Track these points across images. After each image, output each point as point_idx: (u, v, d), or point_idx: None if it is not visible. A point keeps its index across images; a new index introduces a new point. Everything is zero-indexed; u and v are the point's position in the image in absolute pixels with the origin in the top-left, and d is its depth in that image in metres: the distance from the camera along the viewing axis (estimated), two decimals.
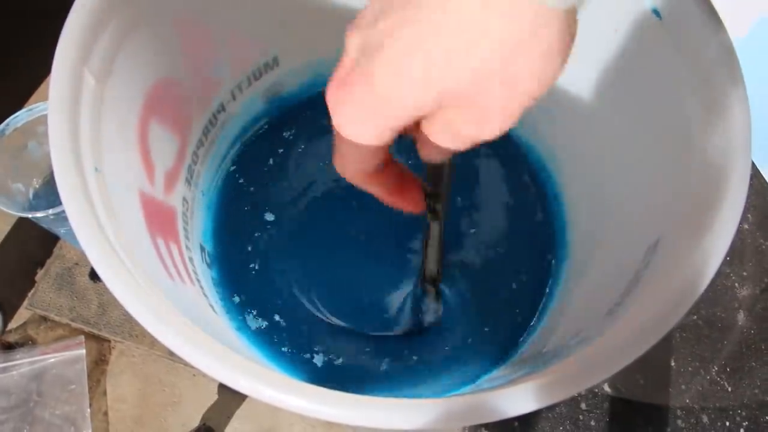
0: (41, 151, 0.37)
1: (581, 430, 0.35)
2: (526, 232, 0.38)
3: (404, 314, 0.35)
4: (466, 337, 0.35)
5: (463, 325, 0.35)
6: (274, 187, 0.38)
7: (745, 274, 0.40)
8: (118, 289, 0.19)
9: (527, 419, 0.36)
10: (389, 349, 0.34)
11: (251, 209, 0.38)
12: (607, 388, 0.36)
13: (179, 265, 0.29)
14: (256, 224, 0.37)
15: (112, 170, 0.23)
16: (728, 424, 0.36)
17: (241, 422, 0.40)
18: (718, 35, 0.23)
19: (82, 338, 0.40)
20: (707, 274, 0.20)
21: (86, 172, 0.21)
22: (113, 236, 0.21)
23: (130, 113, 0.26)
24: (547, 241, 0.37)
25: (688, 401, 0.36)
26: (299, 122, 0.40)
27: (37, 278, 0.43)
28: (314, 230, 0.37)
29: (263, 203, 0.38)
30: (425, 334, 0.35)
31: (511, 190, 0.39)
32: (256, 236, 0.37)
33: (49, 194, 0.39)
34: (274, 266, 0.36)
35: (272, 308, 0.35)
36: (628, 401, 0.36)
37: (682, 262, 0.21)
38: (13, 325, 0.42)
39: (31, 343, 0.41)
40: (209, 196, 0.37)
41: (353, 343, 0.34)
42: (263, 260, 0.36)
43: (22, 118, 0.35)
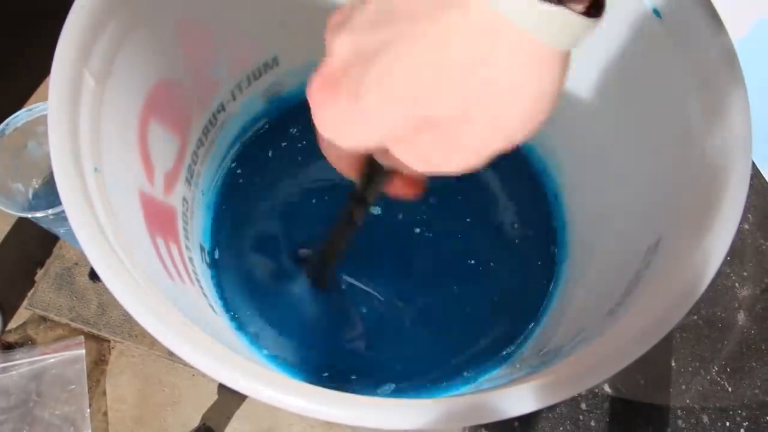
0: (41, 151, 0.37)
1: (581, 430, 0.35)
2: (526, 232, 0.38)
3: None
4: (466, 336, 0.35)
5: (463, 324, 0.35)
6: (274, 186, 0.38)
7: (745, 274, 0.40)
8: (117, 289, 0.19)
9: (527, 419, 0.36)
10: (389, 348, 0.34)
11: (251, 209, 0.38)
12: (607, 388, 0.36)
13: (179, 265, 0.29)
14: (256, 224, 0.37)
15: (111, 170, 0.23)
16: (728, 424, 0.36)
17: (240, 422, 0.40)
18: (718, 35, 0.23)
19: (81, 338, 0.40)
20: (708, 274, 0.20)
21: (86, 172, 0.21)
22: (113, 236, 0.21)
23: (129, 113, 0.26)
24: (547, 241, 0.37)
25: (688, 401, 0.36)
26: (299, 122, 0.40)
27: (36, 278, 0.43)
28: (314, 230, 0.37)
29: (263, 203, 0.38)
30: (424, 333, 0.35)
31: (511, 190, 0.39)
32: (256, 236, 0.37)
33: (48, 194, 0.39)
34: (274, 266, 0.36)
35: (272, 308, 0.35)
36: (628, 401, 0.36)
37: (682, 262, 0.21)
38: (12, 325, 0.42)
39: (30, 343, 0.41)
40: (209, 196, 0.37)
41: (353, 341, 0.34)
42: (263, 260, 0.36)
43: (21, 118, 0.35)
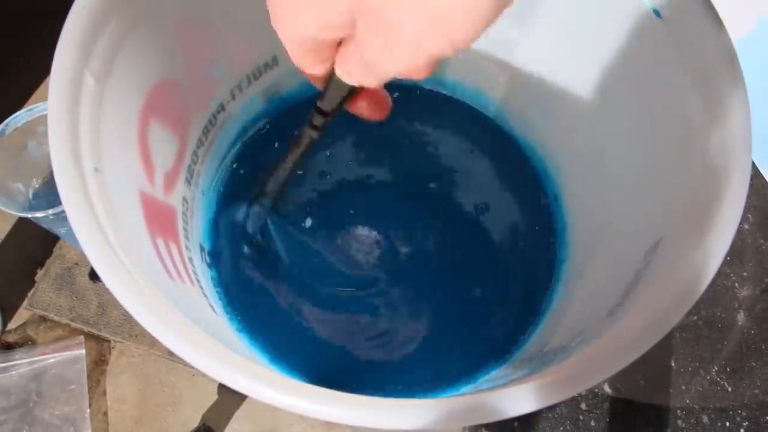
0: (41, 151, 0.37)
1: (581, 430, 0.35)
2: (525, 232, 0.38)
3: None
4: (466, 336, 0.35)
5: (463, 324, 0.35)
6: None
7: (745, 274, 0.40)
8: (118, 289, 0.19)
9: (527, 419, 0.36)
10: (390, 348, 0.34)
11: (251, 209, 0.37)
12: (607, 388, 0.36)
13: (179, 265, 0.29)
14: (256, 224, 0.37)
15: (111, 170, 0.23)
16: (728, 424, 0.36)
17: (240, 422, 0.40)
18: (718, 35, 0.23)
19: (81, 338, 0.40)
20: (707, 274, 0.20)
21: (86, 172, 0.21)
22: (113, 236, 0.21)
23: (130, 113, 0.26)
24: (547, 241, 0.37)
25: (688, 401, 0.36)
26: (299, 122, 0.40)
27: (36, 278, 0.43)
28: (315, 229, 0.37)
29: (263, 203, 0.38)
30: (424, 333, 0.35)
31: (510, 190, 0.39)
32: (256, 236, 0.37)
33: (49, 194, 0.39)
34: (274, 266, 0.36)
35: (272, 308, 0.35)
36: (628, 401, 0.36)
37: (682, 262, 0.21)
38: (12, 325, 0.42)
39: (30, 343, 0.41)
40: (209, 196, 0.37)
41: (353, 341, 0.34)
42: (263, 260, 0.36)
43: (22, 118, 0.35)
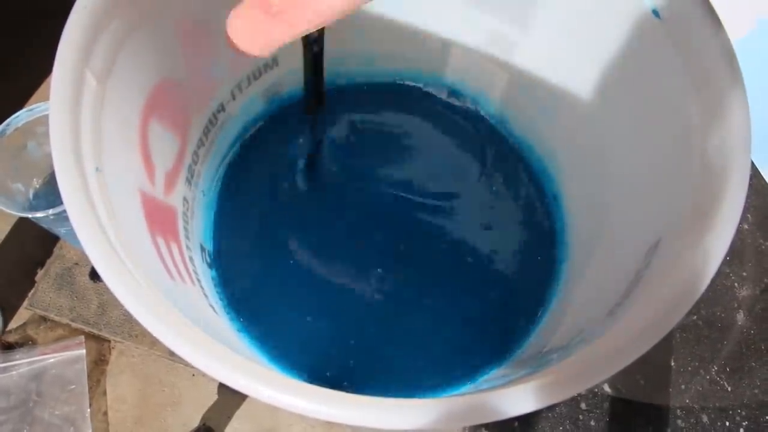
0: (41, 151, 0.37)
1: (581, 430, 0.35)
2: (525, 232, 0.38)
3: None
4: (465, 336, 0.35)
5: (462, 324, 0.35)
6: (274, 186, 0.38)
7: (745, 274, 0.40)
8: (118, 289, 0.19)
9: (527, 419, 0.36)
10: (390, 348, 0.34)
11: (252, 209, 0.38)
12: (607, 388, 0.36)
13: (179, 265, 0.29)
14: (256, 224, 0.37)
15: (112, 170, 0.23)
16: (728, 424, 0.36)
17: (240, 422, 0.40)
18: (718, 36, 0.23)
19: (82, 338, 0.40)
20: (707, 274, 0.20)
21: (87, 172, 0.21)
22: (114, 236, 0.21)
23: (131, 113, 0.26)
24: (546, 241, 0.37)
25: (688, 401, 0.36)
26: (299, 122, 0.40)
27: (37, 278, 0.43)
28: (315, 229, 0.37)
29: (264, 203, 0.38)
30: (424, 333, 0.35)
31: (510, 190, 0.39)
32: (256, 236, 0.37)
33: (49, 194, 0.39)
34: (275, 266, 0.36)
35: (273, 308, 0.35)
36: (628, 401, 0.36)
37: (682, 262, 0.21)
38: (12, 325, 0.42)
39: (30, 343, 0.41)
40: (210, 195, 0.37)
41: (354, 341, 0.34)
42: (264, 260, 0.36)
43: (22, 118, 0.35)
